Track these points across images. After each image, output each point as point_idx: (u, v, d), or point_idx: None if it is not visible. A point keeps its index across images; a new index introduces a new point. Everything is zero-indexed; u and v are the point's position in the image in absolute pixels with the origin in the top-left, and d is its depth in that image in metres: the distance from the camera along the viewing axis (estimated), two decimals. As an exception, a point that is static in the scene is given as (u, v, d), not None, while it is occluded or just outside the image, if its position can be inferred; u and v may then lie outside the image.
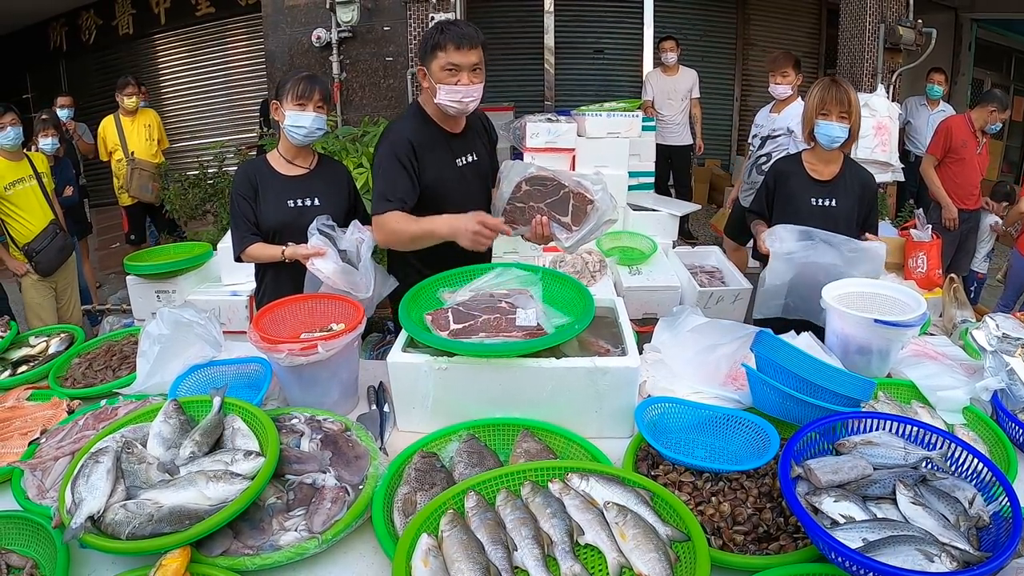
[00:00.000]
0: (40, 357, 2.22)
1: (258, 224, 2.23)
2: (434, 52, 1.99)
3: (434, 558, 1.16)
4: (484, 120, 2.35)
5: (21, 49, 8.63)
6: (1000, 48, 8.40)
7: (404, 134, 2.09)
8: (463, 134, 2.21)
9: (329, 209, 2.20)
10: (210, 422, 1.49)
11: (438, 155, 2.13)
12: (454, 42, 1.96)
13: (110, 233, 7.08)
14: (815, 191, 2.47)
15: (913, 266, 4.21)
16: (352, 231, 2.11)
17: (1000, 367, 1.74)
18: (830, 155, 2.47)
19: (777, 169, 2.58)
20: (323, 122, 2.23)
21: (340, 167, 2.44)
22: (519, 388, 1.63)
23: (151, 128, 5.40)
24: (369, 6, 4.90)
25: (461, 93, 2.01)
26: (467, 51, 1.97)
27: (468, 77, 2.00)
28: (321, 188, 2.28)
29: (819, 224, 2.37)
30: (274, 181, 2.25)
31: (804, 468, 1.31)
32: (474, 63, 1.99)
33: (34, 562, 1.30)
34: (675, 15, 7.48)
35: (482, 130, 2.32)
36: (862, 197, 2.48)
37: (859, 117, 2.42)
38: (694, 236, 6.16)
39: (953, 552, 1.09)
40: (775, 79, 3.70)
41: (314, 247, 2.04)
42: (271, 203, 2.22)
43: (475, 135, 2.27)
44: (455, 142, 2.18)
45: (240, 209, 2.22)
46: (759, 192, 2.63)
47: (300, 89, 2.16)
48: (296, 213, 2.21)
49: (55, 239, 3.73)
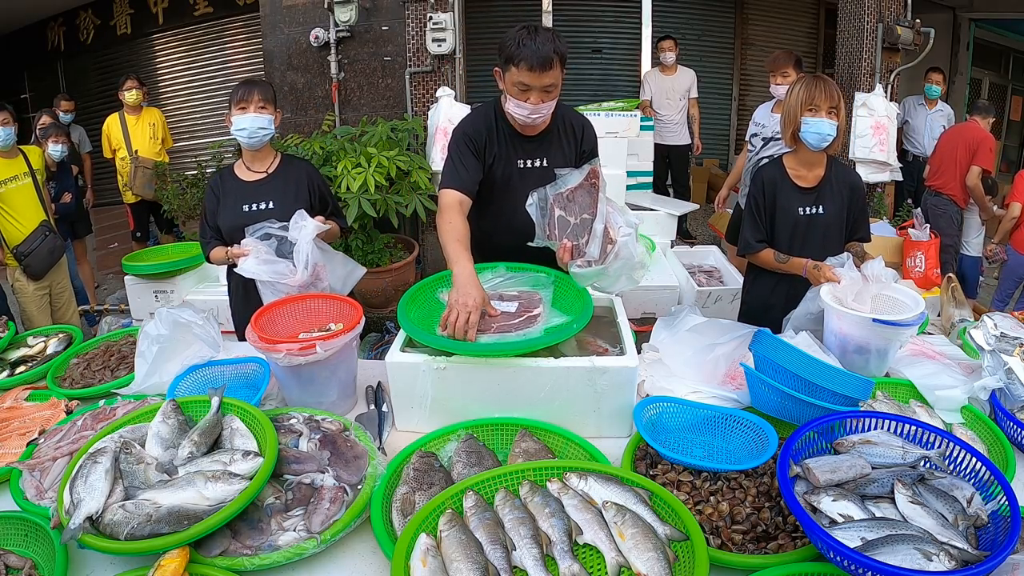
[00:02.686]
0: (38, 357, 2.22)
1: (219, 229, 2.37)
2: (508, 65, 1.94)
3: (433, 558, 1.16)
4: (580, 130, 2.20)
5: (19, 49, 8.61)
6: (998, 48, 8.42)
7: (476, 122, 2.14)
8: (539, 138, 2.15)
9: (284, 210, 2.28)
10: (208, 422, 1.49)
11: (501, 151, 2.13)
12: (528, 64, 1.89)
13: (109, 233, 7.08)
14: (801, 199, 2.28)
15: (911, 265, 4.23)
16: (295, 219, 2.18)
17: (998, 366, 1.74)
18: (813, 158, 2.27)
19: (762, 180, 2.35)
20: (266, 121, 2.31)
21: (302, 166, 2.50)
22: (518, 388, 1.63)
23: (155, 127, 5.42)
24: (367, 6, 4.89)
25: (528, 111, 1.97)
26: (540, 74, 1.90)
27: (538, 97, 1.95)
28: (277, 191, 2.38)
29: (806, 234, 2.28)
30: (234, 187, 2.39)
31: (803, 467, 1.31)
32: (547, 84, 1.93)
33: (32, 562, 1.30)
34: (673, 15, 7.48)
35: (568, 138, 2.19)
36: (851, 200, 2.31)
37: (845, 117, 2.25)
38: (692, 236, 6.16)
39: (951, 551, 1.09)
40: (775, 79, 3.68)
41: (239, 248, 2.17)
42: (228, 208, 2.36)
43: (555, 142, 2.18)
44: (524, 143, 2.14)
45: (204, 215, 2.43)
46: (753, 220, 2.36)
47: (240, 94, 2.30)
48: (250, 217, 2.30)
49: (45, 241, 3.69)
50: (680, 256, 4.06)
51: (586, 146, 2.21)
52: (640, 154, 4.94)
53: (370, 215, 3.98)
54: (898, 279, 2.01)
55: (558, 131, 2.17)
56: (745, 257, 2.46)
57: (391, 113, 5.01)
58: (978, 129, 4.75)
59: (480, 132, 2.11)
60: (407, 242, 4.75)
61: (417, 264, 4.75)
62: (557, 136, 2.18)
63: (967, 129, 4.80)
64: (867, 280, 1.94)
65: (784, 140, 2.33)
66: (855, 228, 2.36)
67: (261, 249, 2.14)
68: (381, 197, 4.02)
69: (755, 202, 2.35)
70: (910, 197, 5.83)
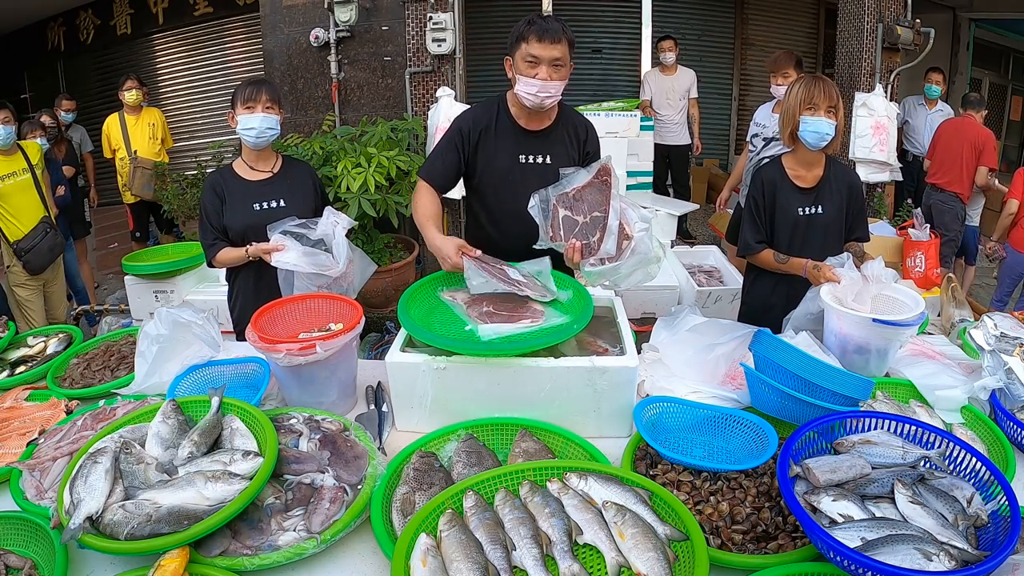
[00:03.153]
0: (38, 357, 2.22)
1: (226, 230, 2.33)
2: (518, 43, 1.99)
3: (432, 558, 1.16)
4: (584, 131, 2.22)
5: (19, 49, 8.62)
6: (998, 48, 8.42)
7: (473, 114, 2.15)
8: (542, 134, 2.15)
9: (295, 209, 2.30)
10: (208, 422, 1.49)
11: (500, 144, 2.13)
12: (537, 34, 1.94)
13: (109, 233, 7.08)
14: (800, 200, 2.29)
15: (911, 265, 4.22)
16: (326, 215, 2.20)
17: (998, 366, 1.74)
18: (812, 158, 2.27)
19: (762, 181, 2.34)
20: (274, 122, 2.30)
21: (304, 167, 2.52)
22: (518, 388, 1.63)
23: (155, 127, 5.41)
24: (367, 6, 4.89)
25: (537, 87, 1.98)
26: (549, 44, 1.95)
27: (547, 71, 1.97)
28: (286, 189, 2.38)
29: (806, 234, 2.28)
30: (239, 187, 2.35)
31: (803, 467, 1.31)
32: (555, 57, 1.96)
33: (32, 562, 1.30)
34: (673, 15, 7.48)
35: (572, 138, 2.19)
36: (849, 200, 2.31)
37: (844, 117, 2.24)
38: (692, 236, 6.16)
39: (951, 551, 1.09)
40: (776, 80, 3.67)
41: (274, 243, 2.15)
42: (237, 208, 2.32)
43: (560, 140, 2.17)
44: (527, 138, 2.14)
45: (206, 218, 2.34)
46: (753, 220, 2.36)
47: (247, 93, 2.27)
48: (262, 216, 2.29)
49: (46, 237, 3.70)
50: (680, 256, 4.06)
51: (590, 147, 2.21)
52: (640, 154, 4.93)
53: (370, 215, 3.98)
54: (898, 279, 2.01)
55: (562, 129, 2.17)
56: (745, 258, 2.45)
57: (391, 113, 5.01)
58: (978, 127, 4.75)
59: (476, 126, 2.12)
60: (407, 242, 4.75)
61: (417, 264, 4.74)
62: (561, 134, 2.17)
63: (967, 127, 4.79)
64: (867, 280, 1.94)
65: (783, 140, 2.33)
66: (853, 227, 2.36)
67: (294, 243, 2.14)
68: (381, 197, 4.02)
69: (754, 203, 2.35)
70: (910, 197, 5.83)
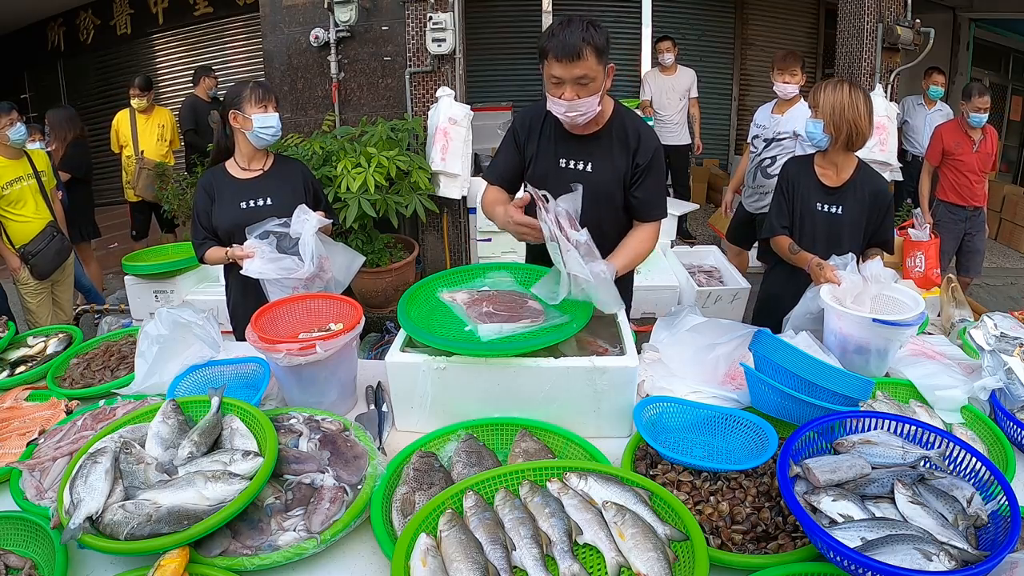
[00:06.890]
0: (38, 357, 2.22)
1: (215, 228, 2.35)
2: (542, 59, 1.84)
3: (432, 558, 1.16)
4: (636, 139, 2.00)
5: (19, 49, 8.61)
6: (998, 48, 8.41)
7: (528, 114, 2.11)
8: (585, 139, 2.01)
9: (282, 207, 2.31)
10: (208, 422, 1.49)
11: (543, 146, 2.05)
12: (555, 53, 1.78)
13: (109, 233, 7.08)
14: (822, 196, 2.33)
15: (911, 265, 4.23)
16: (296, 214, 2.21)
17: (998, 366, 1.74)
18: (843, 159, 2.30)
19: (788, 172, 2.42)
20: (280, 121, 2.36)
21: (295, 165, 2.52)
22: (517, 388, 1.63)
23: (164, 128, 5.46)
24: (367, 6, 4.89)
25: (564, 107, 1.85)
26: (569, 64, 1.78)
27: (572, 91, 1.82)
28: (274, 187, 2.39)
29: (823, 231, 2.30)
30: (229, 185, 2.38)
31: (802, 467, 1.31)
32: (578, 76, 1.80)
33: (32, 563, 1.30)
34: (673, 15, 7.48)
35: (622, 146, 2.00)
36: (872, 207, 2.30)
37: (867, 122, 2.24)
38: (692, 236, 6.16)
39: (951, 551, 1.09)
40: (783, 78, 3.65)
41: (244, 249, 2.18)
42: (225, 206, 2.35)
43: (604, 147, 2.01)
44: (570, 142, 2.02)
45: (196, 216, 2.38)
46: (780, 205, 2.40)
47: (260, 93, 2.30)
48: (248, 214, 2.31)
49: (52, 241, 3.71)
50: (680, 256, 4.06)
51: (641, 159, 2.00)
52: (640, 154, 4.92)
53: (370, 215, 3.98)
54: (898, 279, 2.01)
55: (612, 136, 2.01)
56: (766, 240, 2.47)
57: (391, 113, 5.00)
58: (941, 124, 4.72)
59: (525, 125, 2.08)
60: (407, 242, 4.75)
61: (417, 264, 4.74)
62: (608, 141, 2.01)
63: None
64: (867, 281, 1.95)
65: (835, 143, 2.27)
66: (876, 235, 2.35)
67: (264, 248, 2.16)
68: (381, 197, 4.02)
69: (782, 188, 2.43)
70: (910, 197, 5.82)
